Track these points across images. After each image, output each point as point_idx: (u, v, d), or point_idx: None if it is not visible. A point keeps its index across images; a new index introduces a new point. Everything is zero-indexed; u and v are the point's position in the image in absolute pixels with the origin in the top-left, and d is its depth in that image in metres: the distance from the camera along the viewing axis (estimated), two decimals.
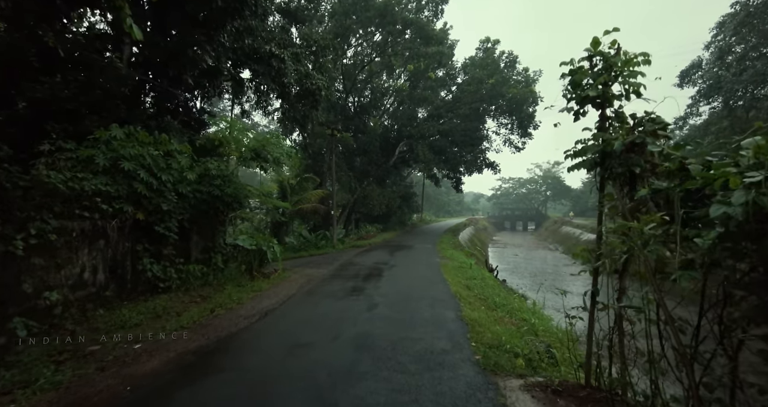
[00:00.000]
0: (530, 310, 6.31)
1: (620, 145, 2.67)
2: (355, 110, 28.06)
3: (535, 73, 26.52)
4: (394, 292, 7.51)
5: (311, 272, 10.65)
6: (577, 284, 22.94)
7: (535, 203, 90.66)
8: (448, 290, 7.66)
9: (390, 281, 8.68)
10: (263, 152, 8.34)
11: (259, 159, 8.34)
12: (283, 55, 13.60)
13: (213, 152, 9.17)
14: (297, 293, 7.62)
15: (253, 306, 6.60)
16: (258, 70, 13.77)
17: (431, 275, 9.80)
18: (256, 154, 8.33)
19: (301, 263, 12.80)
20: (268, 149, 8.41)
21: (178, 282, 7.31)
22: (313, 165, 24.91)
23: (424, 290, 7.73)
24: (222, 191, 8.07)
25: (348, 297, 7.10)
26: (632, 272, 3.22)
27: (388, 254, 14.95)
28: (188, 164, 7.44)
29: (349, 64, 26.41)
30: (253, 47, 13.05)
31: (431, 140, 28.47)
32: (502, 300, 6.90)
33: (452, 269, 10.82)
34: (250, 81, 14.91)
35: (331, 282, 8.86)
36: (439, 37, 25.58)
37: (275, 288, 8.22)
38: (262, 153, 8.30)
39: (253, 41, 12.85)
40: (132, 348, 4.45)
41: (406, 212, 36.17)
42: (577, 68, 3.16)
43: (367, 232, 26.39)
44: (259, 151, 8.29)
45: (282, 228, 19.62)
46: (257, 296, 7.37)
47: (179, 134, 9.82)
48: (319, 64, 17.71)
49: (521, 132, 27.22)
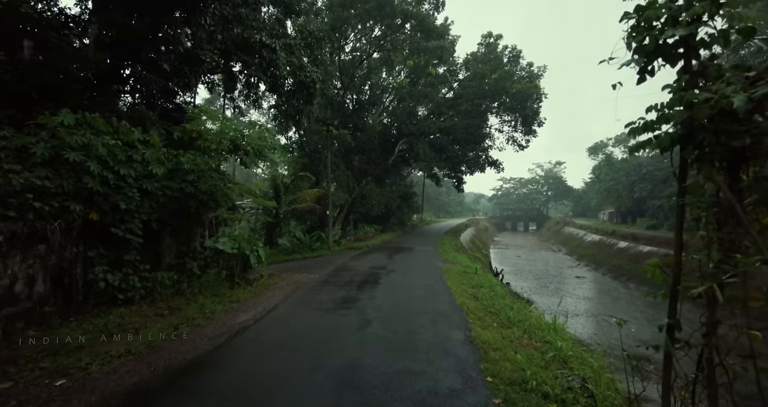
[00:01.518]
0: (550, 326, 5.36)
1: (745, 102, 1.69)
2: (354, 108, 27.11)
3: (540, 69, 25.56)
4: (391, 304, 6.58)
5: (301, 277, 9.67)
6: (583, 288, 22.04)
7: (537, 203, 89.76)
8: (452, 301, 6.71)
9: (387, 290, 7.74)
10: (243, 143, 7.36)
11: (238, 152, 7.37)
12: (274, 45, 12.73)
13: (190, 145, 8.20)
14: (279, 305, 6.64)
15: (224, 322, 5.62)
16: (248, 62, 12.89)
17: (433, 282, 8.84)
18: (234, 146, 7.36)
19: (292, 267, 11.84)
20: (247, 140, 7.44)
21: (142, 293, 6.33)
22: (310, 164, 23.95)
23: (425, 301, 6.81)
24: (196, 188, 7.10)
25: (337, 311, 6.15)
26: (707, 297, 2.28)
27: (387, 257, 13.98)
28: (156, 156, 6.46)
29: (347, 60, 25.48)
30: (243, 37, 12.20)
31: (432, 138, 27.54)
32: (517, 315, 5.84)
33: (456, 274, 9.86)
34: (240, 73, 14.03)
35: (321, 291, 7.89)
36: (440, 31, 24.65)
37: (256, 298, 7.25)
38: (242, 145, 7.32)
39: (243, 31, 12.01)
40: (53, 385, 3.48)
41: (406, 212, 35.22)
42: (650, 2, 2.19)
43: (365, 233, 25.43)
44: (238, 142, 7.31)
45: (275, 229, 18.68)
46: (233, 309, 6.39)
47: (156, 126, 8.87)
48: (315, 57, 16.81)
49: (525, 129, 26.24)
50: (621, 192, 42.10)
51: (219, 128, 7.41)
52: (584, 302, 18.39)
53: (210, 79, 15.94)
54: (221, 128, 7.40)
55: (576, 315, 15.83)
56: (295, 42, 15.18)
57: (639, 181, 37.70)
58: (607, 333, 12.93)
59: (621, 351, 2.72)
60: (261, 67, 13.33)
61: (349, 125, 25.97)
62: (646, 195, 36.81)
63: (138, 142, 6.16)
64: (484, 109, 26.53)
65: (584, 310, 16.55)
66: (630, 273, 23.23)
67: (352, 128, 26.30)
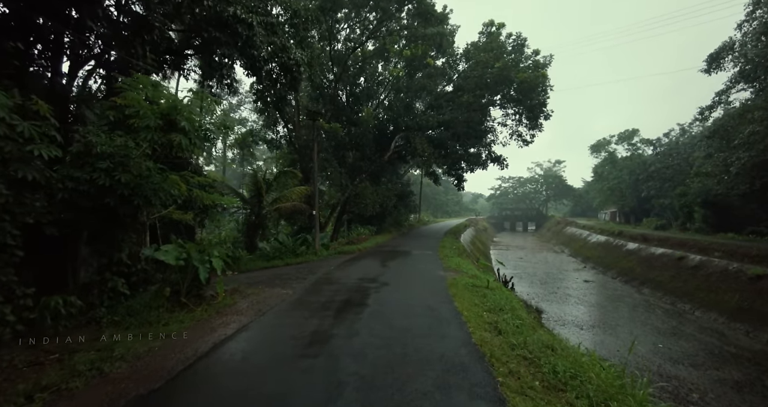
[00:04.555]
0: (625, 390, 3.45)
1: None
2: (347, 100, 25.17)
3: (546, 58, 23.71)
4: (379, 345, 4.58)
5: (270, 294, 7.73)
6: (594, 294, 20.22)
7: (536, 203, 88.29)
8: (467, 337, 4.76)
9: (374, 318, 5.80)
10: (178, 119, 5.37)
11: (173, 131, 5.40)
12: (251, 21, 10.93)
13: (122, 125, 6.22)
14: (221, 346, 4.64)
15: (119, 383, 3.65)
16: (220, 39, 11.04)
17: (436, 302, 6.87)
18: (168, 123, 5.38)
19: (267, 278, 9.89)
20: (184, 115, 5.46)
21: (20, 328, 4.37)
22: (300, 160, 22.02)
23: (428, 338, 4.81)
24: (113, 180, 5.14)
25: (299, 361, 4.13)
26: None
27: (380, 264, 12.04)
28: (42, 132, 4.50)
29: (340, 49, 23.56)
30: (216, 10, 10.44)
31: (430, 133, 25.68)
32: (564, 363, 3.89)
33: (464, 289, 7.91)
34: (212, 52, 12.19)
35: (287, 318, 5.91)
36: (438, 16, 22.78)
37: (196, 329, 5.30)
38: (178, 120, 5.33)
39: (215, 4, 10.26)
40: None
41: (403, 212, 33.31)
42: None
43: (358, 235, 23.48)
44: (173, 117, 5.33)
45: (257, 231, 16.73)
46: (151, 351, 4.44)
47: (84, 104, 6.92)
48: (301, 39, 14.96)
49: (530, 123, 24.39)
50: (624, 191, 40.43)
51: (150, 95, 5.42)
52: (598, 311, 16.63)
53: (183, 63, 14.14)
54: (151, 96, 5.41)
55: (592, 327, 14.05)
56: (278, 21, 13.43)
57: (646, 179, 36.01)
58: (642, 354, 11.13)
59: None
60: (236, 46, 11.54)
61: (343, 119, 24.05)
62: (654, 194, 35.12)
63: (9, 111, 4.19)
64: (486, 102, 24.69)
65: (601, 321, 14.77)
66: (643, 277, 21.47)
67: (346, 121, 24.39)
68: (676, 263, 19.63)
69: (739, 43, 20.24)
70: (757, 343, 12.35)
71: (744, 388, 9.47)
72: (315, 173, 15.65)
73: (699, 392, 9.17)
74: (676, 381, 9.64)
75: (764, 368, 10.60)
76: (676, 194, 30.09)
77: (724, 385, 9.58)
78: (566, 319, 14.92)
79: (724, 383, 9.71)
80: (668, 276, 19.38)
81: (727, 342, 12.49)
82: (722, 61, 21.33)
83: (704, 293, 16.20)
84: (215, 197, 7.30)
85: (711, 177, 22.35)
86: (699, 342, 12.53)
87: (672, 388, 9.26)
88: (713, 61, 21.50)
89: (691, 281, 17.58)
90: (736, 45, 20.43)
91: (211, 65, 12.55)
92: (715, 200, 24.99)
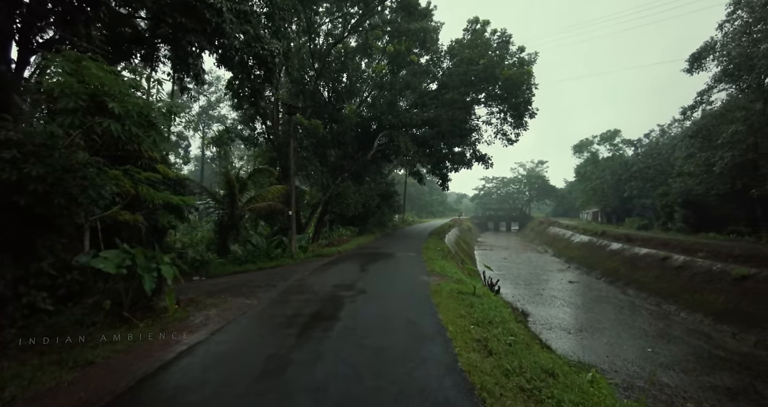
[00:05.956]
0: None
1: None
2: (329, 97, 24.26)
3: (531, 56, 23.35)
4: (346, 375, 3.73)
5: (232, 305, 6.85)
6: (580, 295, 19.89)
7: (519, 203, 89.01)
8: (452, 361, 4.02)
9: (345, 338, 4.96)
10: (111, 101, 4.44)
11: (100, 114, 4.47)
12: (219, 6, 10.03)
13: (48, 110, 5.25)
14: (148, 380, 3.71)
15: None
16: (187, 25, 10.07)
17: (418, 314, 6.12)
18: (95, 105, 4.44)
19: (233, 285, 8.98)
20: (116, 95, 4.53)
21: None
22: (278, 158, 21.00)
23: (405, 365, 4.01)
24: (20, 172, 4.19)
25: (241, 401, 3.30)
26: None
27: (359, 268, 11.24)
28: None
29: (321, 44, 22.67)
30: None
31: (415, 131, 25.04)
32: (571, 396, 3.23)
33: (449, 297, 7.18)
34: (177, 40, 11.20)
35: (243, 339, 4.94)
36: (422, 10, 22.14)
37: (128, 354, 4.41)
38: (107, 103, 4.41)
39: None
40: None
41: (387, 212, 32.53)
42: None
43: (339, 236, 22.62)
44: (101, 99, 4.41)
45: (230, 233, 15.68)
46: (59, 389, 3.51)
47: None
48: (277, 29, 14.07)
49: (515, 122, 24.00)
50: (606, 191, 40.75)
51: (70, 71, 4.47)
52: (584, 313, 16.26)
53: (153, 54, 13.11)
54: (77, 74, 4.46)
55: (579, 330, 13.62)
56: (251, 10, 12.52)
57: (628, 179, 36.29)
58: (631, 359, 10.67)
59: None
60: (205, 34, 10.59)
61: (324, 116, 23.16)
62: (636, 194, 35.40)
63: None
64: (470, 100, 24.22)
65: (588, 324, 14.37)
66: (628, 278, 21.31)
67: (328, 119, 23.50)
68: (661, 263, 19.48)
69: (720, 44, 20.27)
70: (744, 345, 12.09)
71: (738, 395, 9.08)
72: (292, 171, 14.75)
73: (694, 401, 8.73)
74: (668, 390, 9.18)
75: (755, 372, 10.28)
76: (657, 194, 30.30)
77: (717, 393, 9.18)
78: (553, 322, 14.46)
79: (717, 390, 9.31)
80: (653, 277, 19.21)
81: (715, 345, 12.20)
82: (704, 61, 21.35)
83: (689, 294, 16.00)
84: (165, 196, 6.37)
85: (693, 177, 22.39)
86: (687, 345, 12.20)
87: (666, 398, 8.79)
88: (695, 61, 21.51)
89: (675, 281, 17.40)
90: (717, 45, 20.45)
91: (179, 55, 11.58)
92: (695, 200, 25.17)
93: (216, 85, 46.68)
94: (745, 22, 17.82)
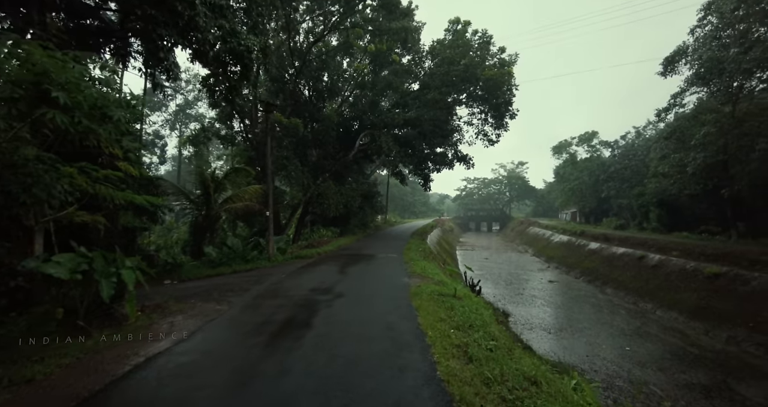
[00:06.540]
0: None
1: None
2: (310, 96, 23.82)
3: (512, 57, 23.53)
4: (315, 390, 3.44)
5: (200, 311, 6.46)
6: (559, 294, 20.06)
7: (500, 203, 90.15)
8: (430, 370, 3.78)
9: (317, 347, 4.63)
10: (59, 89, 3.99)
11: (46, 105, 4.02)
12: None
13: None
14: (89, 400, 3.34)
15: None
16: (157, 18, 9.59)
17: (397, 319, 5.89)
18: (38, 94, 3.98)
19: (205, 289, 8.54)
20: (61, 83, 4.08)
21: None
22: (257, 157, 20.46)
23: (381, 375, 3.78)
24: None
25: None
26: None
27: (338, 270, 10.92)
28: None
29: (302, 42, 22.23)
30: None
31: (397, 132, 24.88)
32: (556, 405, 3.07)
33: (429, 300, 6.95)
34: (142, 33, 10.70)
35: (205, 350, 4.54)
36: (404, 10, 22.01)
37: (75, 369, 3.99)
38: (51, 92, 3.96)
39: None
40: None
41: (369, 213, 32.23)
42: None
43: (320, 237, 22.19)
44: (46, 87, 3.94)
45: (205, 234, 15.10)
46: None
47: None
48: (254, 24, 13.64)
49: (496, 122, 24.14)
50: (585, 192, 41.59)
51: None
52: (564, 313, 16.41)
53: (125, 49, 12.54)
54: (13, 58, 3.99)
55: (559, 330, 13.69)
56: (227, 3, 12.07)
57: (606, 180, 37.10)
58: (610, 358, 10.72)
59: None
60: (176, 28, 10.11)
61: (305, 115, 22.71)
62: (613, 194, 36.23)
63: None
64: (452, 100, 24.23)
65: (568, 324, 14.49)
66: (606, 277, 21.68)
67: (309, 118, 23.06)
68: (637, 262, 19.88)
69: (692, 48, 20.85)
70: (717, 342, 12.36)
71: (712, 392, 9.22)
72: (269, 170, 14.29)
73: (671, 399, 8.81)
74: (646, 388, 9.25)
75: (727, 369, 10.49)
76: (633, 194, 31.04)
77: (692, 390, 9.30)
78: (534, 322, 14.51)
79: (693, 388, 9.43)
80: (630, 276, 19.57)
81: (689, 343, 12.44)
82: (677, 64, 21.91)
83: (664, 292, 16.34)
84: (127, 195, 5.92)
85: (667, 178, 22.98)
86: (663, 343, 12.40)
87: (644, 397, 8.84)
88: (669, 64, 22.05)
89: (652, 280, 17.76)
90: (689, 49, 21.03)
91: (149, 49, 11.06)
92: (669, 200, 25.89)
93: (194, 84, 45.36)
94: (715, 27, 18.37)
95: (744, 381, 9.58)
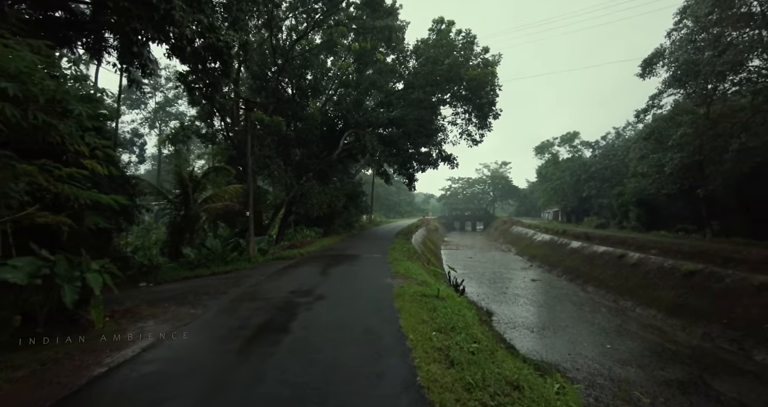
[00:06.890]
0: None
1: None
2: (293, 95, 23.44)
3: (495, 57, 23.68)
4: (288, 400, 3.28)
5: (174, 316, 6.17)
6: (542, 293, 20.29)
7: (484, 203, 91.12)
8: (410, 375, 3.64)
9: (293, 353, 4.45)
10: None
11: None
12: None
13: None
14: None
15: None
16: (131, 11, 9.18)
17: (378, 321, 5.74)
18: None
19: (181, 292, 8.22)
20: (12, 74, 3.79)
21: None
22: (238, 156, 20.01)
23: (358, 382, 3.63)
24: None
25: None
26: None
27: (320, 271, 10.71)
28: None
29: (284, 39, 21.87)
30: None
31: (381, 131, 24.74)
32: None
33: (412, 301, 6.83)
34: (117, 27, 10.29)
35: (174, 358, 4.33)
36: (388, 8, 21.89)
37: (27, 383, 3.70)
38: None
39: None
40: None
41: (354, 212, 32.00)
42: None
43: (303, 237, 21.88)
44: None
45: (183, 235, 14.65)
46: None
47: None
48: (234, 19, 13.25)
49: (480, 122, 24.27)
50: (567, 191, 42.32)
51: None
52: (547, 311, 16.57)
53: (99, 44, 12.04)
54: None
55: (542, 328, 13.79)
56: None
57: (587, 180, 37.82)
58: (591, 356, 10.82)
59: None
60: (152, 21, 9.70)
61: (288, 113, 22.33)
62: (594, 194, 36.95)
63: None
64: (436, 100, 24.24)
65: (550, 322, 14.62)
66: (587, 276, 22.03)
67: (292, 116, 22.68)
68: (617, 261, 20.24)
69: (668, 51, 21.35)
70: (693, 338, 12.64)
71: (689, 389, 9.38)
72: (250, 169, 13.96)
73: (649, 396, 8.93)
74: (626, 385, 9.36)
75: (702, 364, 10.72)
76: (614, 193, 31.70)
77: (670, 387, 9.45)
78: (516, 321, 14.59)
79: (671, 384, 9.59)
80: (610, 274, 19.92)
81: (667, 339, 12.68)
82: (655, 66, 22.41)
83: (644, 290, 16.66)
84: (92, 195, 5.61)
85: (646, 177, 23.51)
86: (642, 341, 12.60)
87: (624, 395, 8.94)
88: (647, 66, 22.53)
89: (631, 278, 18.10)
90: (666, 52, 21.53)
91: (123, 44, 10.63)
92: (648, 199, 26.52)
93: (174, 82, 44.24)
94: (691, 30, 18.84)
95: (718, 377, 9.79)
